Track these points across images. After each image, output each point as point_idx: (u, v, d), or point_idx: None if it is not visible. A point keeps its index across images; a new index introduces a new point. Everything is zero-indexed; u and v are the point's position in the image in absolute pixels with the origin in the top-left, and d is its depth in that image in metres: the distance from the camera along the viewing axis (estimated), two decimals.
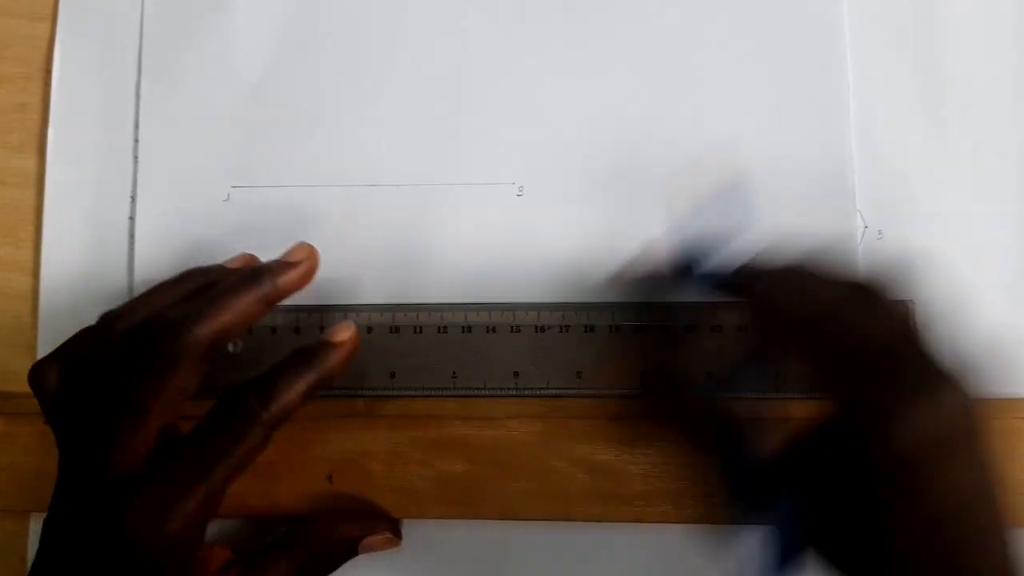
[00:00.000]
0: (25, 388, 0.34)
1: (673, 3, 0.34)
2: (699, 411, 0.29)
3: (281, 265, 0.30)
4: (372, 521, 0.31)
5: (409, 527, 0.32)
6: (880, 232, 0.32)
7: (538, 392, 0.32)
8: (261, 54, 0.35)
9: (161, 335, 0.26)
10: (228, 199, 0.34)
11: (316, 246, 0.32)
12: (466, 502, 0.32)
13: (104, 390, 0.26)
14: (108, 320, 0.28)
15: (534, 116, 0.34)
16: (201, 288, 0.29)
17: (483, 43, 0.34)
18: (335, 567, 0.30)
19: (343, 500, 0.32)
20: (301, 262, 0.30)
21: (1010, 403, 0.30)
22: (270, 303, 0.28)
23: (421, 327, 0.33)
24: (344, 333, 0.29)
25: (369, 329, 0.33)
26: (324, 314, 0.33)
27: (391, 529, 0.31)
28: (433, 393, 0.32)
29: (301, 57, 0.35)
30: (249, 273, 0.29)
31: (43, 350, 0.35)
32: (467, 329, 0.32)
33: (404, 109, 0.34)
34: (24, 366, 0.34)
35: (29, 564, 0.33)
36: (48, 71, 0.36)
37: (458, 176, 0.33)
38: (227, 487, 0.25)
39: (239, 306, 0.27)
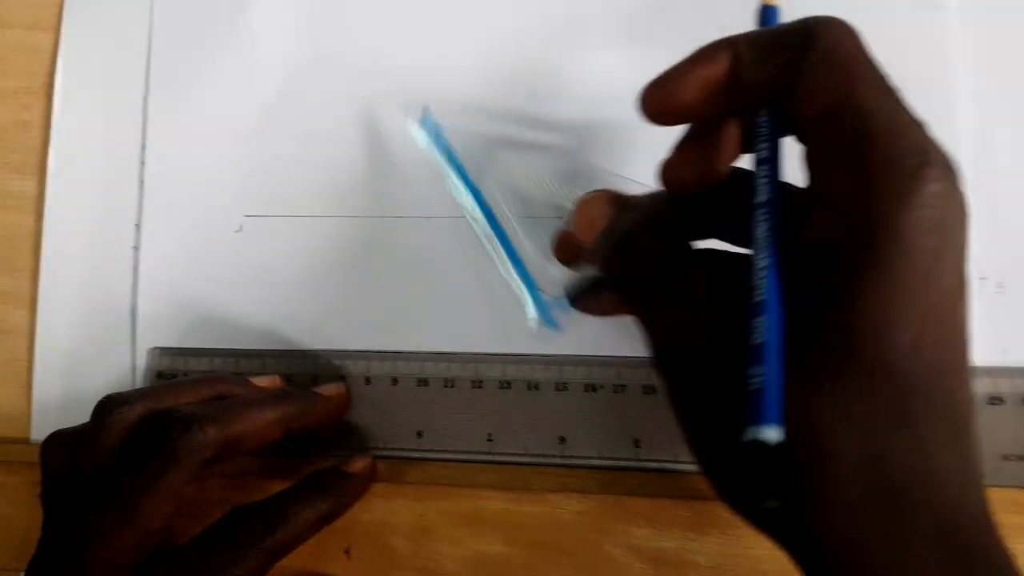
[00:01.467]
0: (18, 433, 0.32)
1: None
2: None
3: (310, 395, 0.28)
4: None
5: None
6: (1001, 285, 0.27)
7: (588, 462, 0.27)
8: (277, 71, 0.31)
9: (169, 429, 0.24)
10: (240, 229, 0.31)
11: (336, 283, 0.29)
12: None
13: (97, 483, 0.24)
14: (113, 405, 0.25)
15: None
16: (220, 396, 0.27)
17: (515, 62, 0.30)
18: None
19: None
20: (330, 398, 0.28)
21: None
22: (288, 429, 0.26)
23: (453, 380, 0.29)
24: (360, 464, 0.28)
25: (395, 380, 0.29)
26: (345, 361, 0.29)
27: None
28: (465, 458, 0.28)
29: (319, 75, 0.31)
30: (275, 393, 0.27)
31: (39, 391, 0.32)
32: (505, 384, 0.28)
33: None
34: (18, 408, 0.32)
35: None
36: (51, 86, 0.33)
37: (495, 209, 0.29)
38: None
39: (256, 421, 0.25)
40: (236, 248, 0.31)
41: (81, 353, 0.32)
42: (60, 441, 0.26)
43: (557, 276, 0.28)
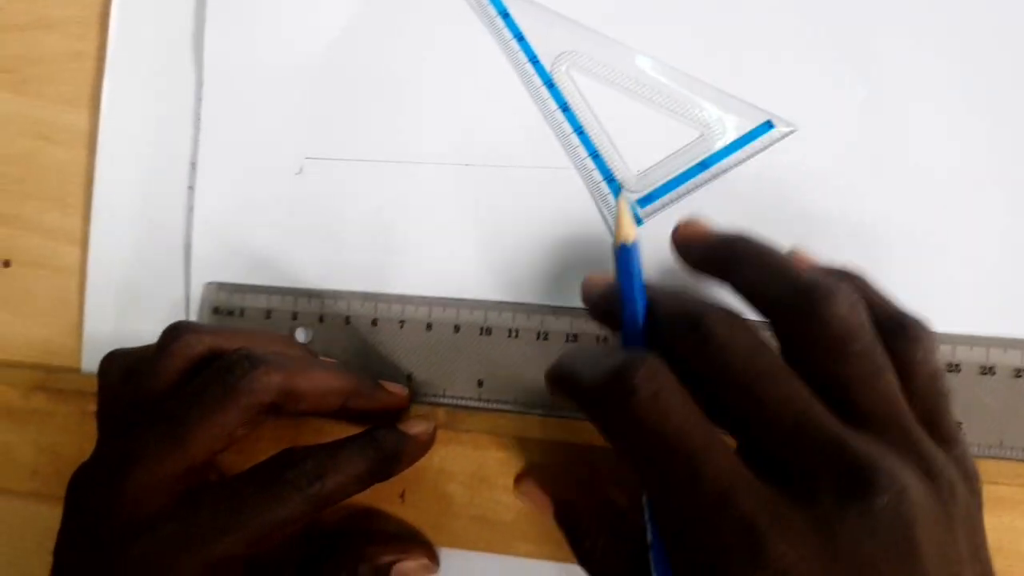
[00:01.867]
0: (68, 363, 0.32)
1: None
2: None
3: (375, 384, 0.27)
4: (406, 545, 0.28)
5: (449, 555, 0.29)
6: None
7: None
8: (343, 4, 0.30)
9: (235, 366, 0.23)
10: (301, 172, 0.30)
11: (400, 229, 0.29)
12: (559, 541, 0.27)
13: (153, 406, 0.24)
14: (182, 331, 0.25)
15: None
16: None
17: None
18: None
19: (375, 520, 0.29)
20: (392, 394, 0.28)
21: None
22: (345, 407, 0.26)
23: (518, 330, 0.28)
24: (421, 427, 0.27)
25: (456, 328, 0.29)
26: (405, 305, 0.29)
27: (427, 555, 0.28)
28: (526, 410, 0.28)
29: (387, 10, 0.30)
30: (345, 370, 0.27)
31: (90, 324, 0.31)
32: (572, 337, 0.28)
33: (502, 79, 0.29)
34: (69, 345, 0.32)
35: None
36: (106, 16, 0.32)
37: (567, 160, 0.29)
38: (257, 548, 0.22)
39: (320, 382, 0.25)
40: (295, 191, 0.30)
41: (133, 291, 0.31)
42: (120, 360, 0.26)
43: (639, 170, 0.28)
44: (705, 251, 0.22)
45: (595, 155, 0.29)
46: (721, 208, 0.28)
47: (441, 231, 0.29)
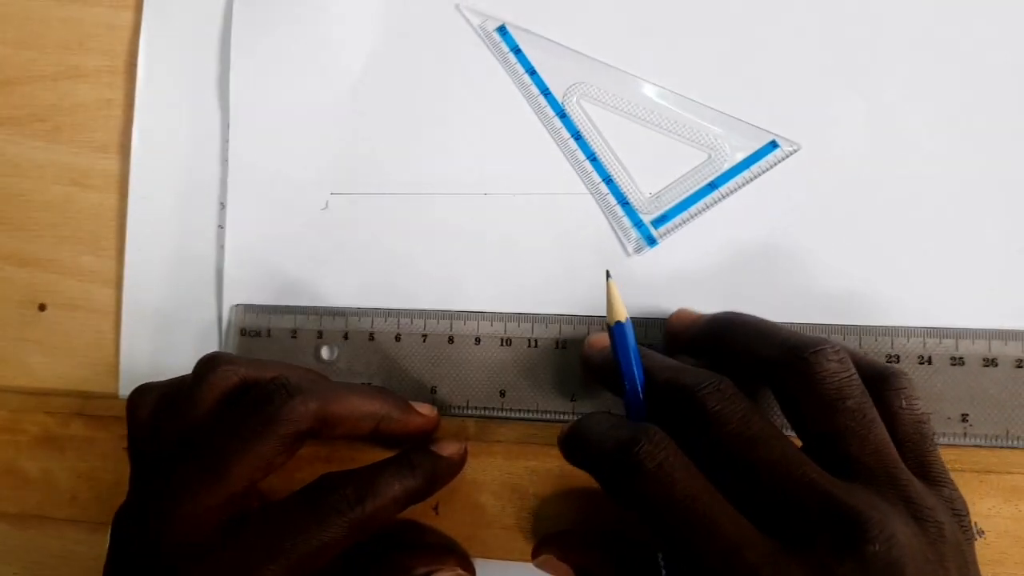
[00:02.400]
0: (106, 389, 0.33)
1: None
2: None
3: (406, 405, 0.28)
4: (441, 556, 0.28)
5: (483, 566, 0.29)
6: None
7: None
8: (363, 48, 0.32)
9: (272, 395, 0.24)
10: (327, 207, 0.31)
11: (421, 254, 0.30)
12: None
13: (189, 439, 0.24)
14: (218, 363, 0.26)
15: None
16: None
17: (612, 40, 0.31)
18: None
19: (409, 530, 0.29)
20: (424, 415, 0.28)
21: None
22: (378, 429, 0.26)
23: (536, 340, 0.30)
24: (452, 447, 0.27)
25: (477, 340, 0.30)
26: (427, 320, 0.30)
27: (462, 565, 0.28)
28: (549, 417, 0.29)
29: (405, 51, 0.32)
30: (374, 387, 0.28)
31: (125, 365, 0.32)
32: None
33: (517, 112, 0.31)
34: (104, 384, 0.33)
35: None
36: (133, 64, 0.33)
37: (582, 185, 0.30)
38: (300, 574, 0.23)
39: (355, 407, 0.26)
40: (322, 226, 0.31)
41: (166, 327, 0.32)
42: (150, 393, 0.26)
43: (651, 192, 0.29)
44: (699, 331, 0.25)
45: (608, 180, 0.30)
46: (732, 225, 0.29)
47: (461, 254, 0.31)
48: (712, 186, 0.29)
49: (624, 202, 0.30)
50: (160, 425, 0.25)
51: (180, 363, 0.31)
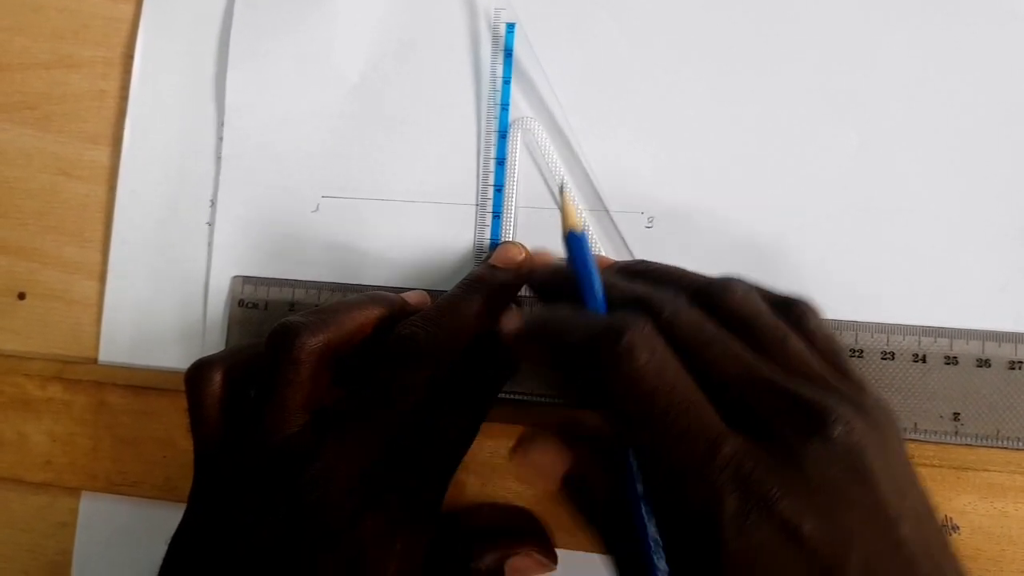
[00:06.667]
0: (85, 353, 0.32)
1: None
2: None
3: (401, 300, 0.27)
4: (515, 540, 0.26)
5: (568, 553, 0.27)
6: None
7: None
8: (361, 53, 0.32)
9: (280, 339, 0.24)
10: (317, 210, 0.31)
11: (410, 261, 0.30)
12: (568, 528, 0.26)
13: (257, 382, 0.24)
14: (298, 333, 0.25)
15: (662, 142, 0.30)
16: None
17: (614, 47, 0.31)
18: None
19: (484, 510, 0.28)
20: (418, 300, 0.28)
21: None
22: (392, 315, 0.26)
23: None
24: (514, 250, 0.28)
25: None
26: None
27: (540, 549, 0.26)
28: (536, 398, 0.29)
29: (404, 56, 0.32)
30: (367, 296, 0.27)
31: (104, 360, 0.32)
32: None
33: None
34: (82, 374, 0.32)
35: (75, 547, 0.31)
36: (129, 56, 0.33)
37: (586, 202, 0.30)
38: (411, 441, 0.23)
39: (353, 320, 0.25)
40: (312, 228, 0.31)
41: (148, 327, 0.32)
42: (213, 370, 0.25)
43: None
44: (620, 268, 0.25)
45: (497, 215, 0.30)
46: (725, 222, 0.29)
47: (452, 260, 0.31)
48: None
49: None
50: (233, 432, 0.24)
51: (162, 358, 0.31)
